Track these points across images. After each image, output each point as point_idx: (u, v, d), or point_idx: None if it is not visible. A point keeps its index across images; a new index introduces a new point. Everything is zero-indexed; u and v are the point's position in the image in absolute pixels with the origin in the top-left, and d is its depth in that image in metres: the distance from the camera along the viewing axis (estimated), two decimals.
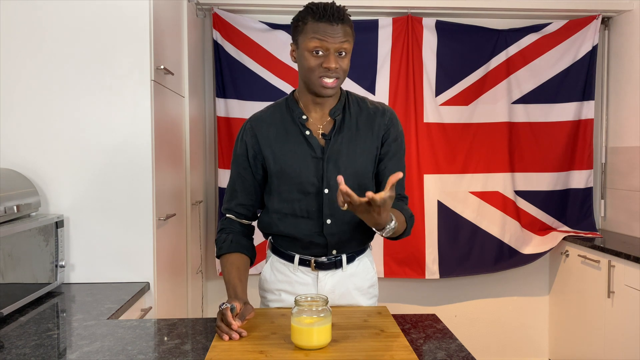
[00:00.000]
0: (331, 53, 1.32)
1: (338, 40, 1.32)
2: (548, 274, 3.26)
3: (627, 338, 2.43)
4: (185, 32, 2.50)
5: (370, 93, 3.02)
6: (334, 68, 1.32)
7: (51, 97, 1.86)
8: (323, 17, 1.31)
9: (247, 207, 1.50)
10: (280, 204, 1.44)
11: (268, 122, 1.46)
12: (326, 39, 1.31)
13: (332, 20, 1.31)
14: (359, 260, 1.52)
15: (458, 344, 1.23)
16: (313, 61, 1.33)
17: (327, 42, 1.31)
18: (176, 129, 2.34)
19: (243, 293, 1.35)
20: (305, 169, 1.41)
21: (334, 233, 1.43)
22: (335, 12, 1.32)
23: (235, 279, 1.39)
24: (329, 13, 1.31)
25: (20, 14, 1.85)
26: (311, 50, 1.33)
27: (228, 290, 1.37)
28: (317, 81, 1.34)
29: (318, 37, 1.31)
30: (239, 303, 1.26)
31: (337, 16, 1.32)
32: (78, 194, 1.88)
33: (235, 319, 1.23)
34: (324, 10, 1.32)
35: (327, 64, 1.32)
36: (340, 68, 1.34)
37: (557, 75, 3.08)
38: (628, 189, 3.02)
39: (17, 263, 1.52)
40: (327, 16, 1.31)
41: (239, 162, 1.48)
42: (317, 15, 1.32)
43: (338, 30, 1.32)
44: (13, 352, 1.21)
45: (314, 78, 1.35)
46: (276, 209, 1.45)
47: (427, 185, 3.05)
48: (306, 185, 1.41)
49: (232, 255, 1.45)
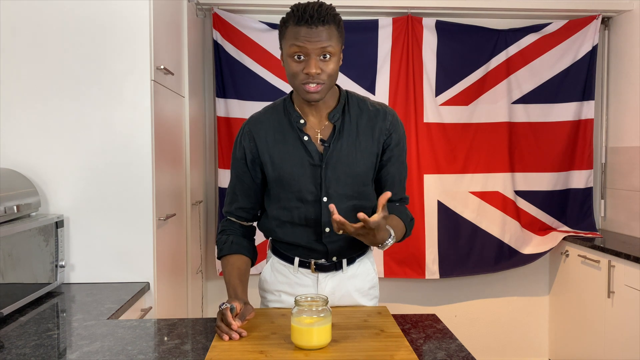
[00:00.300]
0: (312, 57, 1.26)
1: (318, 45, 1.25)
2: (548, 274, 3.26)
3: (627, 338, 2.43)
4: (185, 32, 2.50)
5: (370, 93, 3.02)
6: (314, 73, 1.26)
7: (51, 97, 1.86)
8: (302, 20, 1.24)
9: (247, 210, 1.49)
10: (278, 211, 1.43)
11: (266, 126, 1.42)
12: (305, 43, 1.25)
13: (310, 23, 1.24)
14: (360, 262, 1.51)
15: (458, 344, 1.23)
16: (295, 67, 1.28)
17: (306, 47, 1.25)
18: (176, 129, 2.34)
19: (243, 294, 1.35)
20: (303, 177, 1.38)
21: (334, 241, 1.42)
22: (315, 14, 1.24)
23: (236, 279, 1.38)
24: (308, 15, 1.24)
25: (21, 14, 1.85)
26: (292, 55, 1.27)
27: (228, 291, 1.37)
28: (301, 87, 1.29)
29: (297, 42, 1.25)
30: (238, 303, 1.26)
31: (318, 17, 1.24)
32: (78, 194, 1.87)
33: (235, 319, 1.22)
34: (303, 13, 1.25)
35: (308, 69, 1.26)
36: (324, 72, 1.27)
37: (557, 75, 3.08)
38: (628, 189, 3.02)
39: (17, 263, 1.52)
40: (306, 19, 1.24)
41: (238, 165, 1.46)
42: (297, 19, 1.25)
43: (319, 33, 1.25)
44: (13, 352, 1.21)
45: (297, 84, 1.30)
46: (275, 216, 1.44)
47: (427, 185, 3.05)
48: (304, 193, 1.39)
49: (232, 256, 1.44)
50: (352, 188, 1.39)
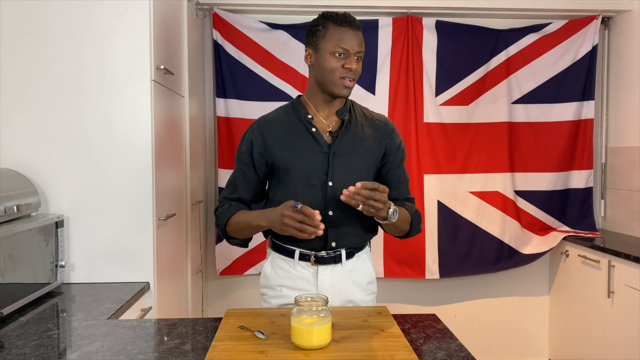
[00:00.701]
0: (352, 56, 1.44)
1: (358, 47, 1.45)
2: (548, 274, 3.26)
3: (627, 338, 2.43)
4: (185, 32, 2.50)
5: (370, 93, 3.02)
6: (355, 69, 1.44)
7: (51, 97, 1.86)
8: (344, 23, 1.44)
9: (245, 202, 1.56)
10: (284, 196, 1.49)
11: (275, 122, 1.54)
12: (349, 43, 1.43)
13: (352, 26, 1.45)
14: (358, 257, 1.56)
15: (458, 344, 1.23)
16: (335, 63, 1.44)
17: (349, 46, 1.43)
18: (176, 129, 2.34)
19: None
20: (311, 163, 1.48)
21: (336, 225, 1.48)
22: (354, 20, 1.46)
23: (254, 211, 1.47)
24: (349, 19, 1.45)
25: (21, 14, 1.85)
26: (334, 52, 1.44)
27: (260, 220, 1.41)
28: (339, 81, 1.45)
29: (342, 40, 1.43)
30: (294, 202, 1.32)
31: (356, 24, 1.46)
32: (78, 194, 1.88)
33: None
34: (344, 17, 1.45)
35: (350, 64, 1.43)
36: (356, 71, 1.46)
37: (557, 75, 3.08)
38: (628, 189, 3.02)
39: (17, 263, 1.52)
40: (348, 22, 1.44)
41: (242, 159, 1.54)
42: (339, 21, 1.44)
43: (358, 36, 1.45)
44: (13, 352, 1.21)
45: (335, 78, 1.45)
46: (280, 200, 1.47)
47: (427, 185, 3.05)
48: (312, 178, 1.48)
49: (236, 214, 1.50)
50: (357, 176, 1.49)
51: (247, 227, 1.46)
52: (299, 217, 1.29)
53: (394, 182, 1.57)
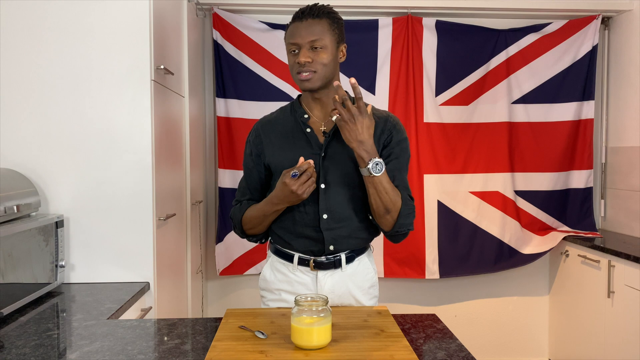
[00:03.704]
0: (302, 49, 1.39)
1: (307, 38, 1.38)
2: (548, 274, 3.26)
3: (627, 338, 2.43)
4: (185, 32, 2.50)
5: (370, 93, 3.02)
6: (303, 62, 1.37)
7: (51, 97, 1.86)
8: (295, 18, 1.41)
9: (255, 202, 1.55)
10: None
11: (273, 123, 1.53)
12: (297, 36, 1.39)
13: (302, 17, 1.39)
14: (359, 260, 1.52)
15: (458, 344, 1.23)
16: (291, 60, 1.43)
17: (297, 40, 1.39)
18: (176, 129, 2.34)
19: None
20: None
21: (331, 228, 1.44)
22: (307, 10, 1.40)
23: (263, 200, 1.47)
24: (301, 12, 1.40)
25: (21, 13, 1.85)
26: (290, 51, 1.42)
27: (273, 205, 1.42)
28: (296, 77, 1.42)
29: (292, 36, 1.40)
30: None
31: (309, 12, 1.39)
32: (78, 194, 1.87)
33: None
34: (298, 12, 1.41)
35: (297, 58, 1.39)
36: (315, 62, 1.38)
37: (557, 75, 3.08)
38: (628, 189, 3.02)
39: (17, 263, 1.52)
40: (299, 14, 1.40)
41: (246, 162, 1.56)
42: (293, 17, 1.42)
43: (308, 25, 1.38)
44: (13, 352, 1.21)
45: (294, 75, 1.42)
46: None
47: (427, 185, 3.05)
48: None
49: (248, 209, 1.50)
50: (350, 177, 1.44)
51: (262, 216, 1.46)
52: (304, 178, 1.32)
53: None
